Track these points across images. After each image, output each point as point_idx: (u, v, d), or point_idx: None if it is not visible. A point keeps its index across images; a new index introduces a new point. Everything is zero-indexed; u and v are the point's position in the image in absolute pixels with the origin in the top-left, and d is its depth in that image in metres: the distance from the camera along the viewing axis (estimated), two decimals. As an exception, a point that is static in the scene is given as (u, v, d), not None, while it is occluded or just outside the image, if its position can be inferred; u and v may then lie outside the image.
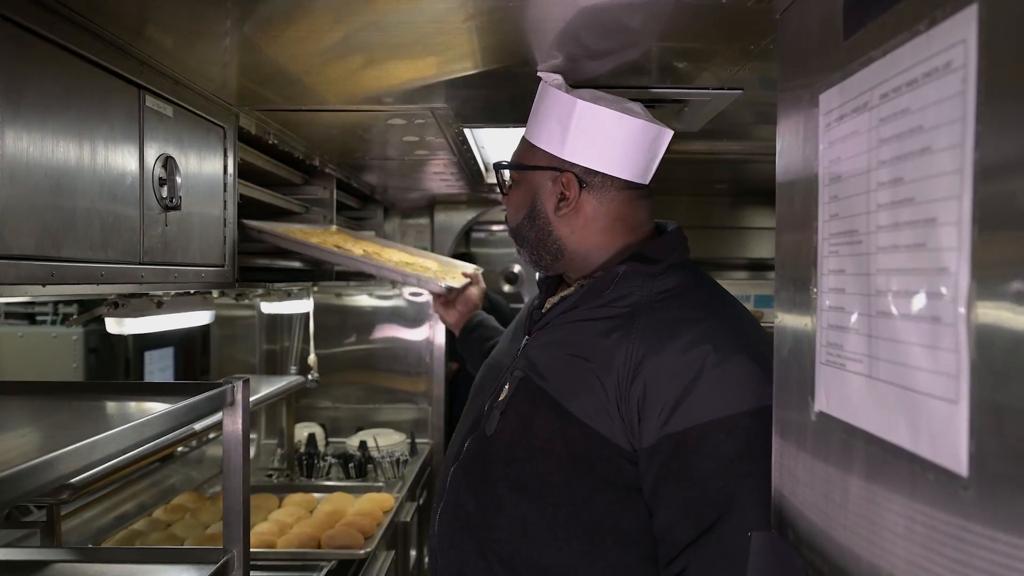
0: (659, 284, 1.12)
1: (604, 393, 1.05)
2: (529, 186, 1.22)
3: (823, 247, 0.72)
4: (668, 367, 1.02)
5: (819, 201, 0.73)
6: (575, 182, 1.17)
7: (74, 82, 1.05)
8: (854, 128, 0.66)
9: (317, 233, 2.05)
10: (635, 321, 1.08)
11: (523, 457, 1.10)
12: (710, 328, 1.05)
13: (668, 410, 1.00)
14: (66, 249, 1.03)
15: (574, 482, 1.06)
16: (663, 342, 1.04)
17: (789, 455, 0.81)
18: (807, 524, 0.76)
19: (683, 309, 1.09)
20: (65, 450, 0.84)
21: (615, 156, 1.16)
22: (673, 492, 1.00)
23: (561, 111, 1.16)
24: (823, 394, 0.72)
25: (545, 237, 1.21)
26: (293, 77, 1.36)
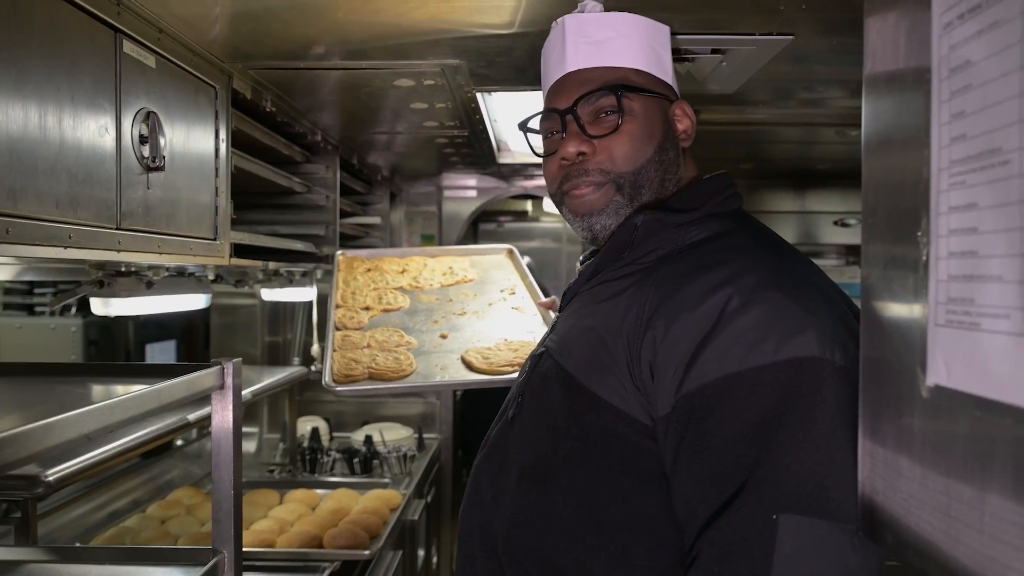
0: (692, 234, 0.94)
1: (615, 359, 0.88)
2: (653, 116, 1.00)
3: (941, 179, 0.58)
4: (681, 318, 0.83)
5: (933, 123, 0.59)
6: (691, 111, 1.04)
7: (41, 14, 0.92)
8: (995, 18, 0.51)
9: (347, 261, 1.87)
10: (653, 274, 0.91)
11: (534, 440, 0.96)
12: (736, 269, 0.86)
13: (683, 368, 0.82)
14: (24, 204, 0.89)
15: (587, 468, 0.89)
16: (678, 290, 0.86)
17: (885, 440, 0.67)
18: (916, 525, 0.61)
19: (708, 255, 0.91)
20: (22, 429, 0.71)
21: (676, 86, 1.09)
22: (688, 467, 0.81)
23: (656, 37, 1.04)
24: (941, 363, 0.58)
25: (672, 175, 1.02)
26: (291, 20, 1.22)
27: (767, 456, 0.76)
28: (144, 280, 1.52)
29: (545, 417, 0.95)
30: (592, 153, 0.99)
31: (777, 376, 0.77)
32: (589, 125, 0.99)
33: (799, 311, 0.81)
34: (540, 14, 1.16)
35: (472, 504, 1.05)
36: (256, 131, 1.76)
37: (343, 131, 2.12)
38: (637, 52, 1.01)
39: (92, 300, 1.48)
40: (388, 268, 1.83)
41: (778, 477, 0.75)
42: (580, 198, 1.00)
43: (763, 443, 0.76)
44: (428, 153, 2.50)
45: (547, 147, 1.07)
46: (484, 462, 1.05)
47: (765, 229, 1.01)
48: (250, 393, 2.18)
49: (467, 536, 1.04)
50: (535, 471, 0.94)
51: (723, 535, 0.77)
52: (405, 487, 2.57)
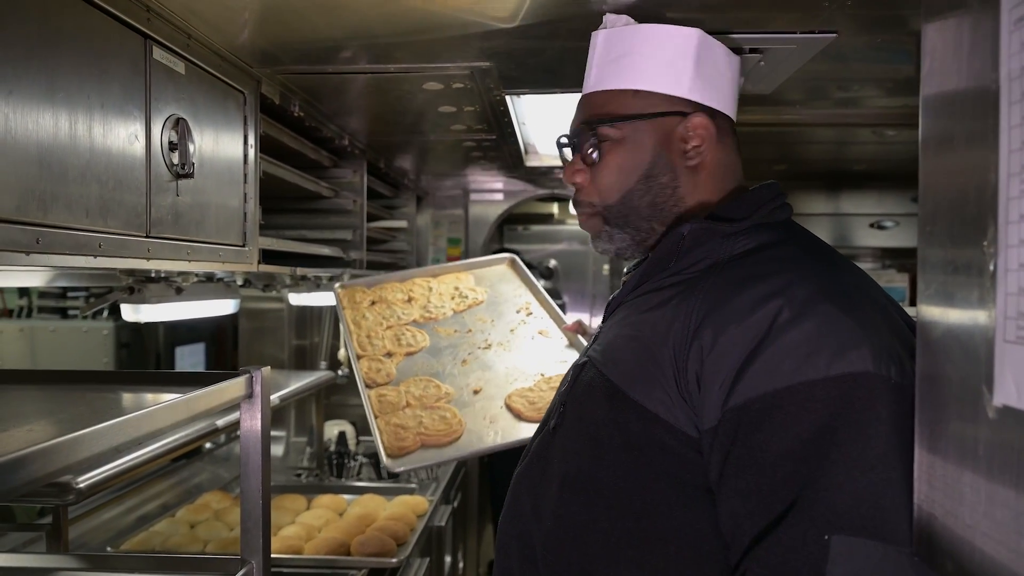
0: (740, 244, 0.92)
1: (661, 370, 0.86)
2: (640, 141, 0.98)
3: (1010, 185, 0.54)
4: (730, 330, 0.81)
5: (1003, 125, 0.55)
6: (709, 124, 0.97)
7: (71, 22, 0.91)
8: (1076, 13, 0.47)
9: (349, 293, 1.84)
10: (700, 284, 0.89)
11: (577, 450, 0.94)
12: (788, 280, 0.83)
13: (730, 380, 0.80)
14: (55, 214, 0.88)
15: (632, 481, 0.87)
16: (726, 303, 0.84)
17: (944, 461, 0.63)
18: (980, 556, 0.58)
19: (758, 265, 0.88)
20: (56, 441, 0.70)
21: (727, 94, 1.02)
22: (735, 482, 0.79)
23: (676, 46, 0.98)
24: (1010, 383, 0.54)
25: (666, 200, 0.99)
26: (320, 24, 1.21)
27: (819, 474, 0.74)
28: (174, 286, 1.52)
29: (588, 427, 0.93)
30: (585, 183, 1.03)
31: (829, 392, 0.75)
32: (586, 153, 1.02)
33: (852, 324, 0.78)
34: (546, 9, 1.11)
35: (511, 516, 1.03)
36: (284, 136, 1.75)
37: (370, 135, 2.11)
38: (644, 70, 0.99)
39: (123, 306, 1.48)
40: (393, 298, 1.78)
41: (830, 496, 0.73)
42: (582, 221, 1.07)
43: (814, 460, 0.74)
44: (455, 156, 2.48)
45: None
46: (525, 472, 1.03)
47: (815, 239, 0.98)
48: (278, 398, 2.18)
49: (505, 548, 1.02)
50: (577, 482, 0.92)
51: (772, 554, 0.75)
52: (432, 493, 2.55)
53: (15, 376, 1.25)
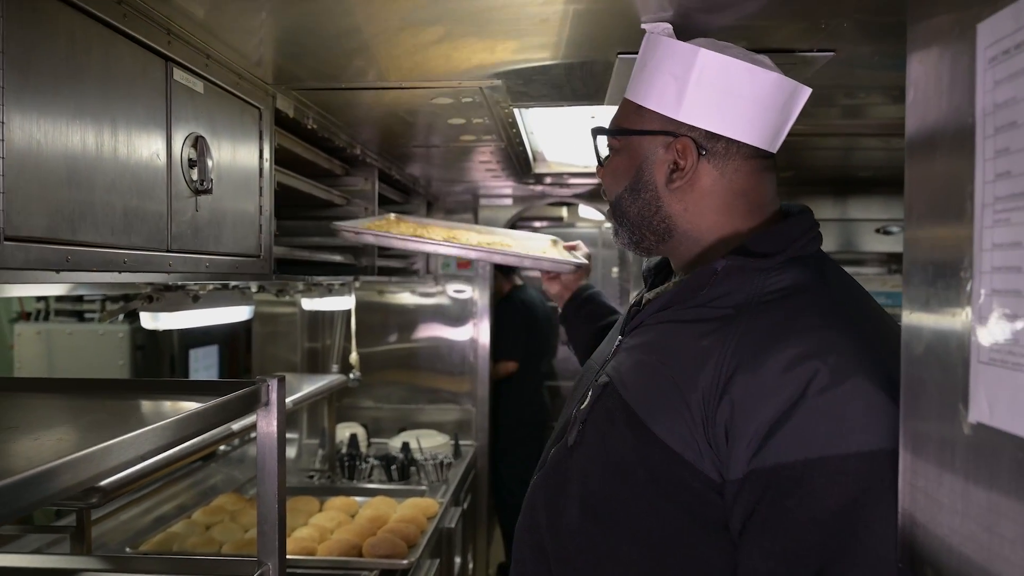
0: (772, 282, 0.92)
1: (689, 412, 0.87)
2: (634, 153, 1.02)
3: (985, 215, 0.57)
4: (763, 385, 0.83)
5: (978, 158, 0.58)
6: (692, 148, 0.97)
7: (95, 50, 0.96)
8: (1040, 58, 0.51)
9: (390, 223, 1.88)
10: (734, 325, 0.89)
11: (597, 476, 0.95)
12: (825, 340, 0.84)
13: (760, 438, 0.82)
14: (83, 233, 0.93)
15: (654, 514, 0.89)
16: (761, 353, 0.85)
17: (926, 475, 0.66)
18: (957, 560, 0.61)
19: (795, 313, 0.88)
20: (71, 457, 0.74)
21: (743, 116, 0.96)
22: (759, 541, 0.83)
23: (677, 63, 0.97)
24: (984, 402, 0.57)
25: (652, 214, 1.01)
26: (335, 51, 1.25)
27: (846, 548, 0.78)
28: (191, 294, 1.56)
29: (611, 455, 0.94)
30: (600, 178, 1.12)
31: (860, 467, 0.78)
32: (600, 155, 1.11)
33: (886, 399, 0.80)
34: (580, 47, 1.18)
35: (527, 527, 1.05)
36: (298, 147, 1.80)
37: (381, 145, 2.16)
38: (649, 86, 1.00)
39: (142, 315, 1.53)
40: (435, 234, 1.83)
41: (857, 570, 0.77)
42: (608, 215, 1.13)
43: (843, 535, 0.78)
44: (464, 164, 2.52)
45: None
46: (541, 484, 1.04)
47: (846, 278, 0.98)
48: (291, 402, 2.22)
49: (521, 557, 1.05)
50: (599, 507, 0.93)
51: None
52: (442, 495, 2.59)
53: (39, 384, 1.30)
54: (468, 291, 3.54)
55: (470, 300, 3.54)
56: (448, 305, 3.56)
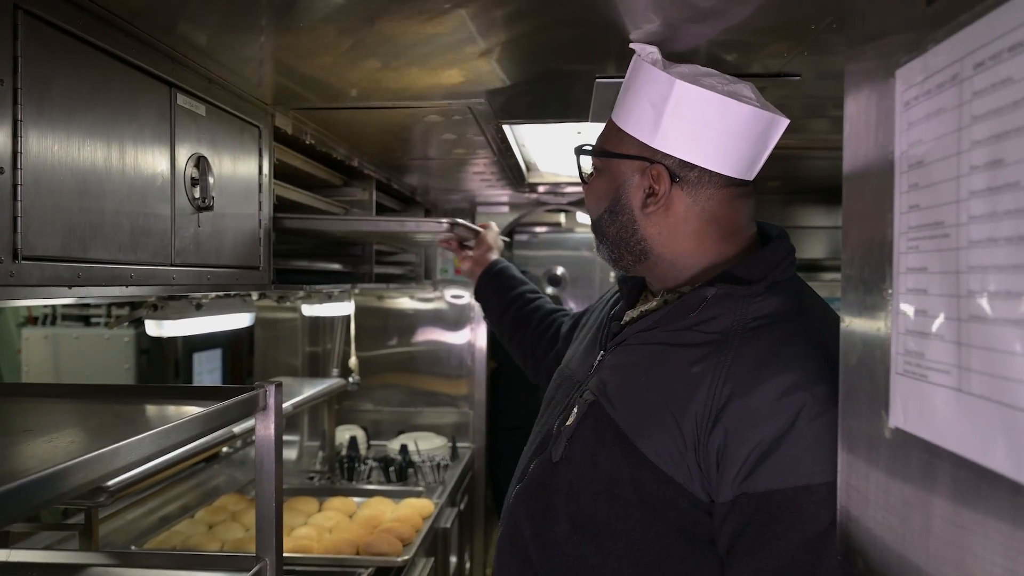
0: (756, 308, 0.97)
1: (680, 436, 0.92)
2: (613, 176, 1.06)
3: (900, 242, 0.64)
4: (756, 413, 0.88)
5: (895, 191, 0.65)
6: (666, 176, 1.00)
7: (102, 80, 1.03)
8: (940, 105, 0.58)
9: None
10: (723, 353, 0.94)
11: (587, 494, 0.98)
12: (812, 369, 0.89)
13: (751, 463, 0.87)
14: (93, 250, 1.00)
15: (643, 531, 0.94)
16: (753, 382, 0.89)
17: (858, 473, 0.73)
18: (880, 550, 0.68)
19: (782, 342, 0.93)
20: (84, 457, 0.81)
21: (716, 147, 0.98)
22: (749, 561, 0.88)
23: (655, 91, 0.99)
24: (899, 408, 0.64)
25: (628, 236, 1.06)
26: (323, 76, 1.33)
27: (835, 565, 0.84)
28: (194, 302, 1.64)
29: (601, 475, 0.97)
30: (584, 195, 1.15)
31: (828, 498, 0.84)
32: (584, 172, 1.13)
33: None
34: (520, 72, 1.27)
35: (510, 537, 1.07)
36: (296, 160, 1.87)
37: (378, 157, 2.23)
38: (630, 111, 1.03)
39: (147, 322, 1.60)
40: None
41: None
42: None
43: (832, 552, 0.84)
44: (460, 174, 2.59)
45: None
46: (523, 497, 1.07)
47: (821, 304, 1.03)
48: (291, 405, 2.29)
49: (504, 567, 1.08)
50: (590, 525, 0.97)
51: None
52: (438, 496, 2.66)
53: (49, 390, 1.37)
54: (466, 296, 3.60)
55: (467, 305, 3.61)
56: (446, 310, 3.63)
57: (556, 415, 1.11)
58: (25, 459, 0.84)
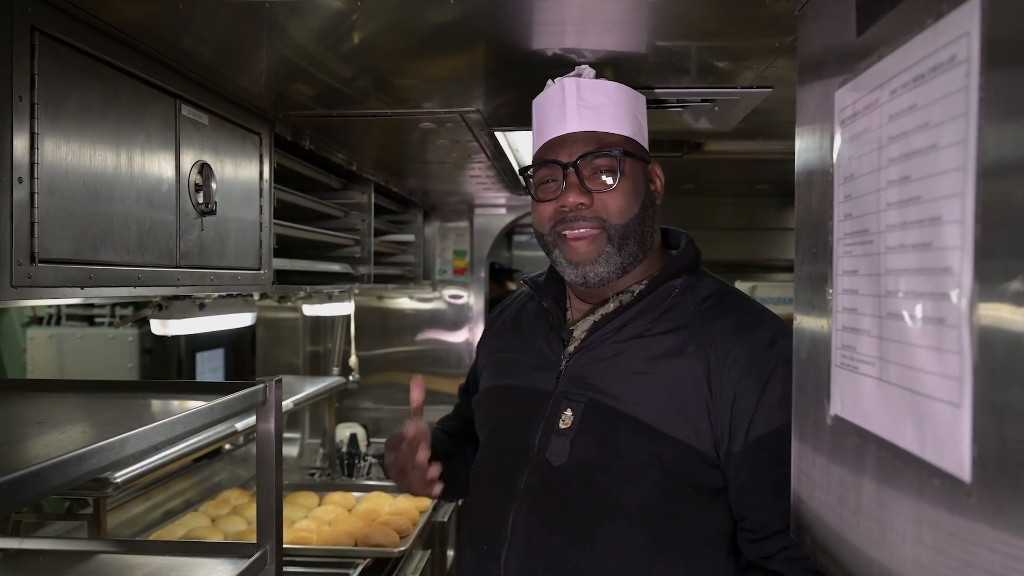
0: (699, 292, 1.13)
1: (695, 407, 1.04)
2: (639, 178, 1.14)
3: (838, 247, 0.71)
4: (753, 366, 1.04)
5: (834, 201, 0.72)
6: (661, 171, 1.19)
7: (111, 93, 1.10)
8: (866, 125, 0.64)
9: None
10: (700, 331, 1.08)
11: (613, 483, 1.06)
12: (772, 320, 1.09)
13: (755, 411, 1.02)
14: (103, 253, 1.07)
15: (672, 498, 1.05)
16: (742, 343, 1.05)
17: (807, 459, 0.80)
18: (823, 529, 0.74)
19: (739, 310, 1.12)
20: (94, 446, 0.88)
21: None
22: (767, 489, 1.01)
23: (633, 102, 1.17)
24: (838, 398, 0.71)
25: (648, 230, 1.16)
26: (321, 84, 1.39)
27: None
28: (197, 302, 1.70)
29: (625, 463, 1.05)
30: (590, 204, 1.11)
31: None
32: (587, 179, 1.10)
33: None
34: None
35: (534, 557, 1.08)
36: (297, 165, 1.94)
37: (376, 161, 2.30)
38: (626, 120, 1.14)
39: (152, 321, 1.67)
40: None
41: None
42: (576, 245, 1.11)
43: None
44: (457, 178, 2.66)
45: (542, 193, 1.16)
46: (530, 513, 1.09)
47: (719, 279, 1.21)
48: (292, 403, 2.36)
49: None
50: (625, 511, 1.05)
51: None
52: (435, 491, 2.72)
53: (58, 385, 1.44)
54: (464, 297, 3.67)
55: (466, 305, 3.67)
56: (444, 310, 3.69)
57: (529, 424, 1.14)
58: (43, 447, 0.91)
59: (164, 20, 1.08)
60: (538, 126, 1.21)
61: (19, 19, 0.91)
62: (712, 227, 3.15)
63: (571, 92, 1.14)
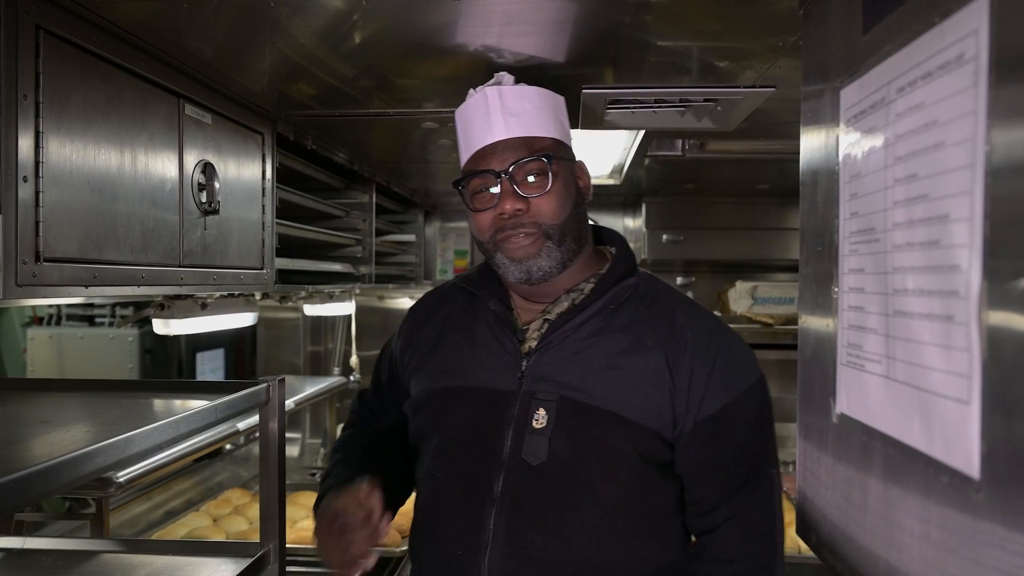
0: (640, 290, 1.19)
1: (660, 395, 1.10)
2: (568, 176, 1.17)
3: (843, 246, 0.71)
4: (700, 354, 1.10)
5: (839, 199, 0.72)
6: (587, 171, 1.23)
7: (115, 92, 1.10)
8: (872, 124, 0.64)
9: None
10: (650, 322, 1.14)
11: (594, 476, 1.09)
12: (703, 313, 1.18)
13: (704, 393, 1.09)
14: (107, 252, 1.07)
15: (645, 481, 1.11)
16: (691, 333, 1.12)
17: (812, 457, 0.80)
18: (829, 527, 0.74)
19: (680, 306, 1.18)
20: (100, 445, 0.88)
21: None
22: (713, 464, 1.10)
23: (555, 105, 1.20)
24: (843, 396, 0.71)
25: (584, 226, 1.20)
26: (323, 84, 1.39)
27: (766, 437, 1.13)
28: (199, 302, 1.70)
29: (605, 454, 1.09)
30: (526, 209, 1.12)
31: (761, 387, 1.13)
32: (521, 185, 1.12)
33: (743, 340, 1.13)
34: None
35: (517, 558, 1.08)
36: (299, 165, 1.94)
37: (378, 161, 2.30)
38: (551, 123, 1.17)
39: (154, 321, 1.67)
40: None
41: (771, 449, 1.13)
42: (516, 246, 1.13)
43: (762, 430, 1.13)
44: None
45: (478, 202, 1.17)
46: (512, 515, 1.09)
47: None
48: (293, 403, 2.36)
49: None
50: (608, 499, 1.09)
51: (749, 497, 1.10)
52: (436, 491, 2.72)
53: (60, 385, 1.44)
54: (464, 296, 3.67)
55: (466, 305, 3.67)
56: (445, 310, 3.68)
57: (497, 428, 1.13)
58: (48, 446, 0.91)
59: (168, 19, 1.08)
60: (464, 136, 1.22)
61: (24, 18, 0.91)
62: (713, 227, 3.14)
63: (494, 100, 1.16)
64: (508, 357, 1.16)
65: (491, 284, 1.24)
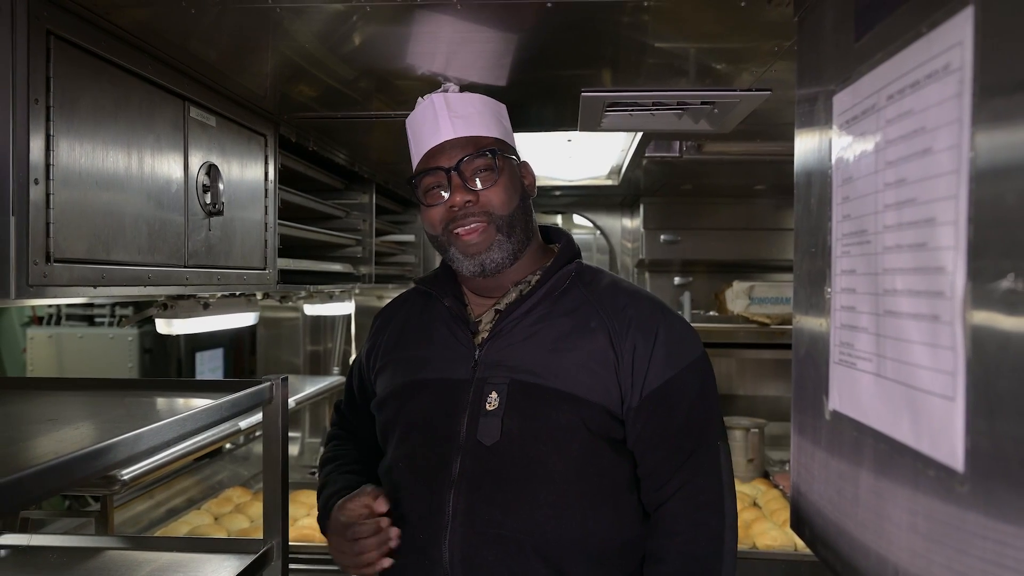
0: (584, 277, 1.25)
1: (605, 372, 1.15)
2: (514, 172, 1.25)
3: (836, 248, 0.73)
4: (643, 330, 1.16)
5: (832, 202, 0.74)
6: (532, 170, 1.30)
7: (123, 95, 1.12)
8: (864, 129, 0.66)
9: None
10: (594, 306, 1.20)
11: (545, 451, 1.14)
12: (644, 295, 1.24)
13: (648, 369, 1.15)
14: (115, 253, 1.09)
15: (595, 455, 1.15)
16: (633, 310, 1.19)
17: (806, 453, 0.82)
18: (822, 521, 0.76)
19: (622, 288, 1.24)
20: (111, 441, 0.90)
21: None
22: (660, 437, 1.15)
23: (497, 110, 1.29)
24: (836, 393, 0.73)
25: (530, 219, 1.26)
26: (325, 86, 1.41)
27: (710, 410, 1.19)
28: (201, 302, 1.72)
29: (555, 431, 1.14)
30: (476, 200, 1.19)
31: (704, 362, 1.20)
32: (469, 180, 1.19)
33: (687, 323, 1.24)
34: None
35: (477, 536, 1.12)
36: (300, 166, 1.96)
37: (378, 162, 2.32)
38: (494, 125, 1.26)
39: (157, 321, 1.69)
40: None
41: (718, 420, 1.20)
42: (468, 240, 1.19)
43: (707, 403, 1.19)
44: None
45: (430, 199, 1.24)
46: (469, 493, 1.13)
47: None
48: (294, 402, 2.38)
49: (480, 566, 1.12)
50: (561, 474, 1.13)
51: (697, 468, 1.15)
52: (436, 489, 2.74)
53: (64, 384, 1.46)
54: (463, 296, 3.68)
55: (465, 305, 3.69)
56: (444, 309, 3.70)
57: (453, 413, 1.18)
58: (56, 443, 0.93)
59: (173, 23, 1.09)
60: (415, 140, 1.30)
61: (35, 23, 0.93)
62: (710, 227, 3.17)
63: (441, 105, 1.25)
64: (463, 348, 1.23)
65: (446, 283, 1.31)
